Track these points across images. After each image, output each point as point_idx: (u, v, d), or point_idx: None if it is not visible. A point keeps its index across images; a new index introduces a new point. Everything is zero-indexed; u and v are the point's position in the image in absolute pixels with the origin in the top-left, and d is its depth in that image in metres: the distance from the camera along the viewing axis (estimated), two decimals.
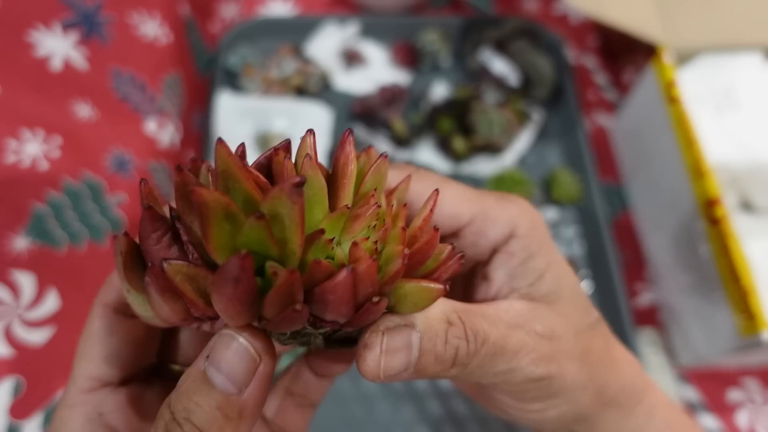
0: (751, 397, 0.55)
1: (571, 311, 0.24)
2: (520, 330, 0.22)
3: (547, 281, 0.24)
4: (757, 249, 0.48)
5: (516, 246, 0.24)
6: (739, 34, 0.58)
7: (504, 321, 0.23)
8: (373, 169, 0.19)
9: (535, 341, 0.23)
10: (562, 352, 0.23)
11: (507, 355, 0.22)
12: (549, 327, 0.23)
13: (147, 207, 0.17)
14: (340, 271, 0.16)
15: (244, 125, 0.65)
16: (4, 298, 0.36)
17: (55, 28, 0.43)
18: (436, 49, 0.70)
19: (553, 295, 0.24)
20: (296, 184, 0.15)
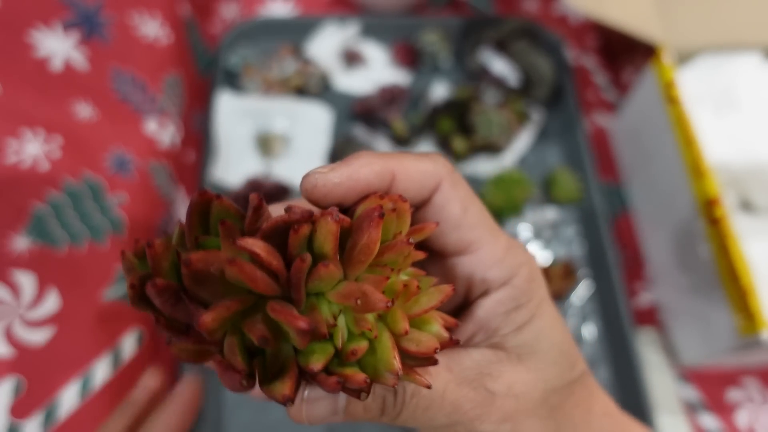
0: (751, 396, 0.55)
1: (544, 367, 0.23)
2: (466, 385, 0.22)
3: (524, 334, 0.23)
4: (756, 249, 0.48)
5: (506, 295, 0.23)
6: (738, 34, 0.58)
7: (451, 373, 0.22)
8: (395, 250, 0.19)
9: (483, 397, 0.22)
10: (519, 410, 0.22)
11: (445, 410, 0.21)
12: (507, 383, 0.22)
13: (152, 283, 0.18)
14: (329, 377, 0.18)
15: (244, 125, 0.65)
16: (5, 298, 0.37)
17: (55, 29, 0.43)
18: (436, 50, 0.70)
19: (526, 348, 0.23)
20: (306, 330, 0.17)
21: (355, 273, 0.19)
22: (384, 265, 0.19)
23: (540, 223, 0.63)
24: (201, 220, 0.19)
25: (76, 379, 0.40)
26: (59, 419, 0.38)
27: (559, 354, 0.24)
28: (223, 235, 0.18)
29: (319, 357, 0.18)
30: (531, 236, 0.62)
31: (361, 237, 0.18)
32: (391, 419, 0.21)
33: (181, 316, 0.18)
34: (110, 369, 0.43)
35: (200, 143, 0.65)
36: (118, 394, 0.43)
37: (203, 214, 0.19)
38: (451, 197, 0.23)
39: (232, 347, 0.17)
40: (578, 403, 0.24)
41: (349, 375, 0.18)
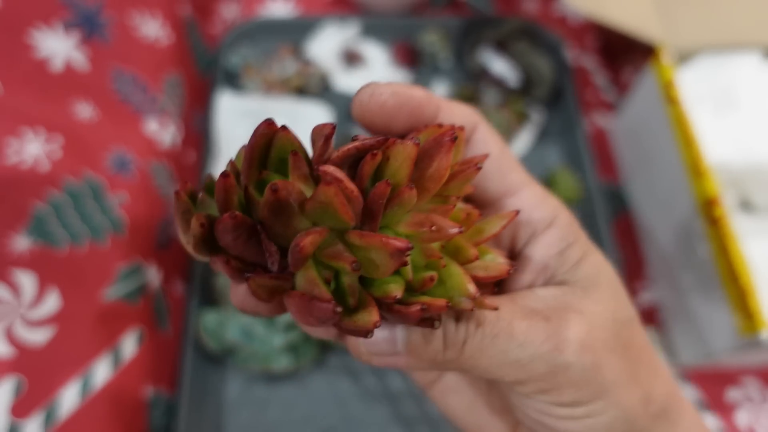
0: (751, 396, 0.55)
1: (609, 298, 0.23)
2: (536, 315, 0.21)
3: (584, 268, 0.23)
4: (756, 249, 0.48)
5: (554, 236, 0.23)
6: (738, 34, 0.58)
7: (517, 304, 0.21)
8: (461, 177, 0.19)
9: (557, 327, 0.21)
10: (597, 340, 0.21)
11: (516, 339, 0.20)
12: (578, 312, 0.21)
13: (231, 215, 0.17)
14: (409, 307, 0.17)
15: (245, 125, 0.65)
16: (5, 298, 0.37)
17: (56, 29, 0.43)
18: (436, 50, 0.70)
19: (589, 281, 0.23)
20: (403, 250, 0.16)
21: (423, 200, 0.18)
22: (446, 195, 0.19)
23: None
24: (262, 155, 0.19)
25: (76, 379, 0.40)
26: (59, 419, 0.38)
27: (617, 288, 0.24)
28: (293, 167, 0.17)
29: (397, 286, 0.17)
30: None
31: (431, 163, 0.18)
32: (457, 353, 0.20)
33: (251, 255, 0.17)
34: (110, 369, 0.43)
35: (200, 143, 0.65)
36: (118, 394, 0.43)
37: (265, 149, 0.19)
38: (488, 139, 0.23)
39: (311, 279, 0.17)
40: (642, 345, 0.24)
41: (429, 301, 0.17)
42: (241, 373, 0.54)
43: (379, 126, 0.21)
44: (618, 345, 0.22)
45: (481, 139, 0.23)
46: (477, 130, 0.23)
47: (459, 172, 0.19)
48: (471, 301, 0.18)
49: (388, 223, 0.18)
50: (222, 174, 0.17)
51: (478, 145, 0.23)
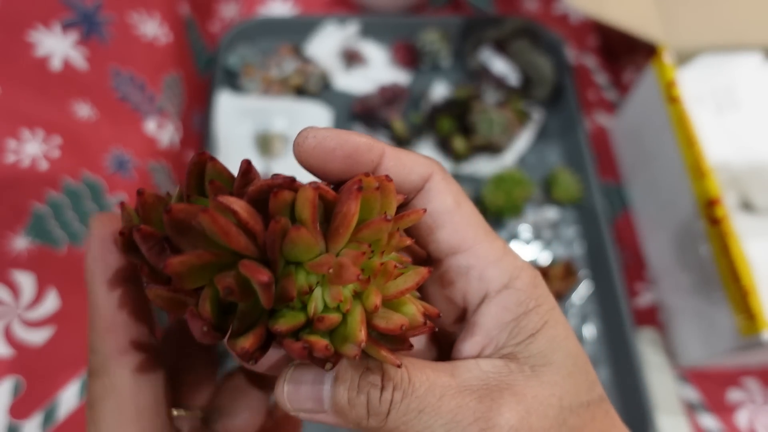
0: (751, 397, 0.55)
1: (560, 381, 0.21)
2: (470, 394, 0.20)
3: (538, 342, 0.21)
4: (757, 249, 0.48)
5: (511, 299, 0.21)
6: (739, 34, 0.58)
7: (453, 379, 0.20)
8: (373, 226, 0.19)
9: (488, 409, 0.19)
10: (532, 428, 0.19)
11: (442, 417, 0.19)
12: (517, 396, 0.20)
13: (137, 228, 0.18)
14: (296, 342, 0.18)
15: (244, 125, 0.65)
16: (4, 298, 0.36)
17: (54, 28, 0.43)
18: (436, 49, 0.70)
19: (540, 359, 0.21)
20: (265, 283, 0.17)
21: (336, 246, 0.19)
22: (365, 242, 0.19)
23: (540, 223, 0.62)
24: (197, 181, 0.20)
25: (75, 379, 0.40)
26: (59, 419, 0.38)
27: (575, 367, 0.21)
28: (211, 194, 0.19)
29: (287, 321, 0.18)
30: (531, 236, 0.62)
31: (341, 209, 0.18)
32: (379, 422, 0.19)
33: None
34: None
35: (200, 143, 0.65)
36: None
37: (200, 175, 0.20)
38: (443, 189, 0.22)
39: (204, 298, 0.18)
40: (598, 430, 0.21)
41: (312, 341, 0.18)
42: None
43: (316, 169, 0.20)
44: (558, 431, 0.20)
45: (435, 190, 0.22)
46: (432, 180, 0.22)
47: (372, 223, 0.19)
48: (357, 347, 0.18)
49: (302, 258, 0.18)
50: (137, 192, 0.19)
51: (430, 196, 0.22)
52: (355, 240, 0.19)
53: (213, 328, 0.18)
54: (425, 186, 0.22)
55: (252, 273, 0.17)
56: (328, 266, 0.18)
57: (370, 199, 0.19)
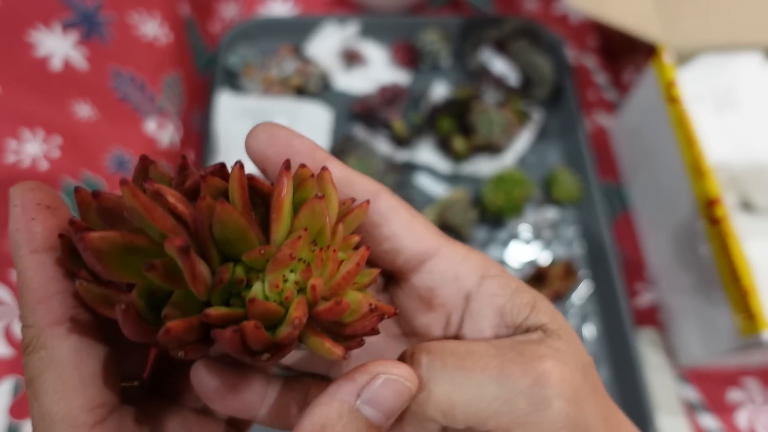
0: (751, 396, 0.55)
1: (574, 341, 0.21)
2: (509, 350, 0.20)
3: (542, 312, 0.21)
4: (757, 249, 0.48)
5: (493, 285, 0.22)
6: (739, 34, 0.58)
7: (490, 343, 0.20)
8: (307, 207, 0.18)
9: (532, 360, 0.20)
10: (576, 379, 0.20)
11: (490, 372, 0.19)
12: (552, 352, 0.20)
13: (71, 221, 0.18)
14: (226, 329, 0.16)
15: (244, 125, 0.65)
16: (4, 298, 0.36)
17: (55, 28, 0.43)
18: (436, 49, 0.70)
19: (552, 324, 0.21)
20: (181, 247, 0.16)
21: (275, 237, 0.18)
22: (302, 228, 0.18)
23: (540, 223, 0.62)
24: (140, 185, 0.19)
25: None
26: None
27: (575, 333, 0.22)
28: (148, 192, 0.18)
29: (219, 309, 0.17)
30: (531, 236, 0.62)
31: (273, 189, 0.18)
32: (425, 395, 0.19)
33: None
34: None
35: (200, 143, 0.65)
36: None
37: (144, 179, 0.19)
38: (395, 204, 0.22)
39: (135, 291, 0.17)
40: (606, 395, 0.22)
41: (243, 325, 0.16)
42: None
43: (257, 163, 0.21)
44: (589, 387, 0.20)
45: (387, 206, 0.22)
46: (381, 197, 0.22)
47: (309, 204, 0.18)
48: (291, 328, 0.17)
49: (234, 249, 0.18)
50: (74, 190, 0.18)
51: (384, 212, 0.22)
52: (294, 230, 0.18)
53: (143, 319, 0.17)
54: (374, 201, 0.22)
55: (170, 243, 0.16)
56: (261, 251, 0.17)
57: (306, 188, 0.19)
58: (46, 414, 0.18)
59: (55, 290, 0.19)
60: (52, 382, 0.18)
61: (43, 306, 0.19)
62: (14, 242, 0.19)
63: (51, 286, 0.19)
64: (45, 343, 0.19)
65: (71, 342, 0.19)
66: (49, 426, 0.18)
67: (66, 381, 0.18)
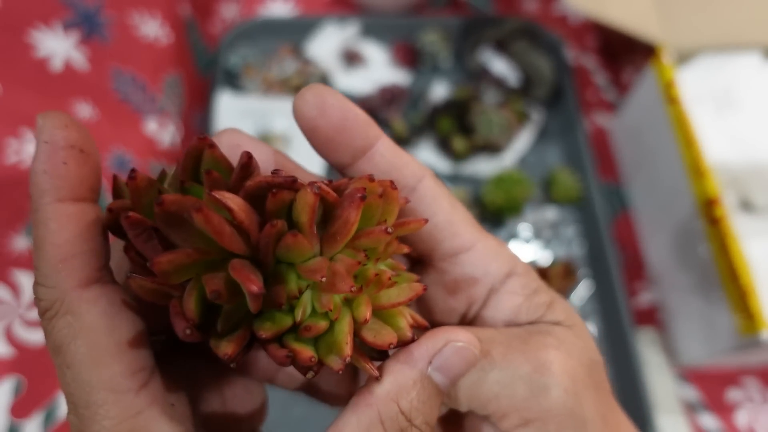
0: (751, 396, 0.55)
1: (585, 337, 0.22)
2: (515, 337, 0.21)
3: (558, 310, 0.22)
4: (756, 249, 0.48)
5: (516, 284, 0.22)
6: (738, 34, 0.58)
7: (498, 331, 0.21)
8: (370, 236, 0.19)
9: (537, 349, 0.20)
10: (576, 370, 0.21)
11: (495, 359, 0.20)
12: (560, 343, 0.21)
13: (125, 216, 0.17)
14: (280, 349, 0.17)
15: (245, 125, 0.65)
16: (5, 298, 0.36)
17: (55, 29, 0.43)
18: (436, 49, 0.70)
19: (568, 321, 0.22)
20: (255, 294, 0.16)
21: (331, 251, 0.18)
22: (362, 249, 0.19)
23: (540, 223, 0.63)
24: (193, 167, 0.19)
25: None
26: (59, 419, 0.38)
27: (588, 332, 0.23)
28: (207, 185, 0.18)
29: (272, 326, 0.17)
30: (531, 236, 0.62)
31: (341, 215, 0.18)
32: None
33: (150, 255, 0.17)
34: None
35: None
36: None
37: (197, 161, 0.19)
38: (438, 193, 0.22)
39: (189, 295, 0.17)
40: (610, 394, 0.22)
41: (297, 349, 0.17)
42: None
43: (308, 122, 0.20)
44: (592, 383, 0.21)
45: (430, 193, 0.22)
46: (424, 182, 0.22)
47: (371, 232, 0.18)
48: (342, 362, 0.18)
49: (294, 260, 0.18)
50: (129, 175, 0.17)
51: (426, 199, 0.22)
52: (352, 246, 0.19)
53: (196, 327, 0.17)
54: (418, 187, 0.22)
55: (244, 280, 0.16)
56: (322, 274, 0.17)
57: (371, 206, 0.19)
58: (83, 382, 0.17)
59: (81, 249, 0.17)
60: (86, 349, 0.17)
61: (67, 265, 0.17)
62: (38, 186, 0.17)
63: (77, 244, 0.17)
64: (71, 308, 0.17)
65: (101, 307, 0.17)
66: (87, 395, 0.17)
67: (102, 348, 0.17)
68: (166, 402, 0.18)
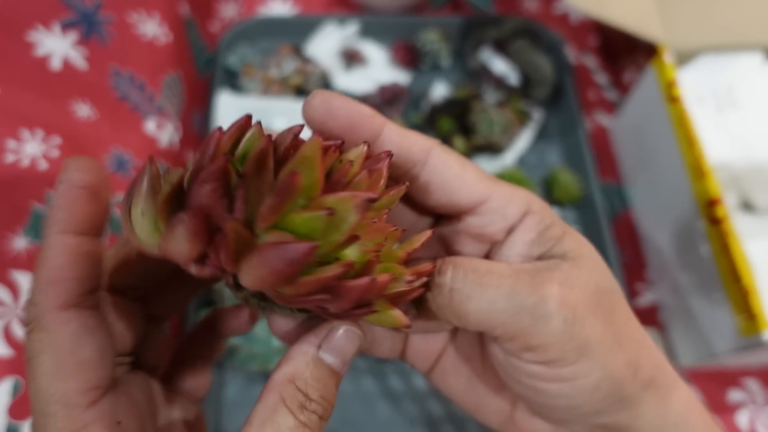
0: (752, 397, 0.55)
1: (593, 267, 0.24)
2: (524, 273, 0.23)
3: (566, 242, 0.24)
4: (757, 249, 0.48)
5: (531, 221, 0.24)
6: (739, 34, 0.58)
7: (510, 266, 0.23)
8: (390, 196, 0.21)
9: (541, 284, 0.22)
10: (578, 299, 0.22)
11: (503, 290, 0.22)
12: (563, 275, 0.23)
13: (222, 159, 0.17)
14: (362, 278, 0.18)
15: None
16: (4, 298, 0.36)
17: (54, 28, 0.43)
18: (436, 49, 0.70)
19: (573, 253, 0.24)
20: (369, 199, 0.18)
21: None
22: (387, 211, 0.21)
23: None
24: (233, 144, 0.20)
25: None
26: None
27: (600, 261, 0.25)
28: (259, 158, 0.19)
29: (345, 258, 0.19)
30: None
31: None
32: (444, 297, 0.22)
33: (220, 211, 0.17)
34: None
35: (200, 143, 0.65)
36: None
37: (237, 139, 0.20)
38: (446, 158, 0.24)
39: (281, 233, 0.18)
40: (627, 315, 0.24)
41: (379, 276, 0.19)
42: (240, 373, 0.54)
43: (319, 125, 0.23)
44: (600, 309, 0.23)
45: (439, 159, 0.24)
46: (432, 153, 0.24)
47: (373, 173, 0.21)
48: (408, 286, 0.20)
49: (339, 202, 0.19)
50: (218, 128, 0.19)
51: (434, 167, 0.24)
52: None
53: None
54: (428, 160, 0.24)
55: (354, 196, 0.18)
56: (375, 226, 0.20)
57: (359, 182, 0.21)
58: (42, 393, 0.19)
59: (68, 275, 0.20)
60: (50, 363, 0.19)
61: (53, 288, 0.19)
62: (50, 218, 0.20)
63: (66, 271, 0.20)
64: (47, 324, 0.19)
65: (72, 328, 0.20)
66: (44, 405, 0.19)
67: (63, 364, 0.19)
68: (112, 419, 0.20)
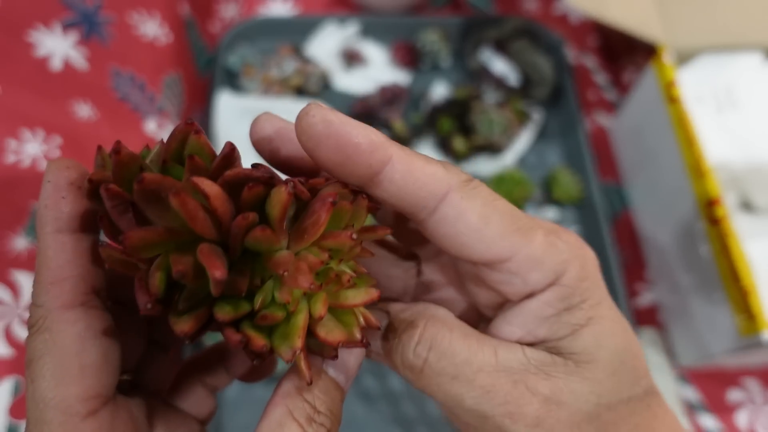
0: (752, 397, 0.55)
1: (602, 378, 0.20)
2: (506, 376, 0.20)
3: (583, 339, 0.20)
4: (757, 249, 0.48)
5: (554, 295, 0.21)
6: (739, 34, 0.58)
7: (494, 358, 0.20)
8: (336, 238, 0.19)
9: (520, 395, 0.19)
10: (560, 421, 0.19)
11: (474, 391, 0.20)
12: (553, 388, 0.20)
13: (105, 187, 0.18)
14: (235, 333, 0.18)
15: (244, 125, 0.65)
16: (4, 298, 0.36)
17: (55, 28, 0.43)
18: (436, 49, 0.70)
19: (584, 356, 0.20)
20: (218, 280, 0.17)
21: (297, 247, 0.19)
22: (327, 249, 0.19)
23: None
24: (177, 149, 0.20)
25: None
26: None
27: (621, 364, 0.21)
28: (188, 169, 0.18)
29: (230, 310, 0.18)
30: None
31: (310, 216, 0.18)
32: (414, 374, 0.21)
33: (124, 227, 0.18)
34: None
35: None
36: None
37: (181, 144, 0.20)
38: (464, 209, 0.19)
39: (155, 270, 0.17)
40: (638, 425, 0.20)
41: (251, 336, 0.18)
42: None
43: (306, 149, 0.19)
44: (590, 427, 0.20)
45: (452, 209, 0.19)
46: (447, 200, 0.19)
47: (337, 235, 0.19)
48: (291, 353, 0.18)
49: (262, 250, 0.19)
50: (114, 149, 0.18)
51: (445, 217, 0.20)
52: (318, 245, 0.19)
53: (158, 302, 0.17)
54: (439, 208, 0.20)
55: (209, 265, 0.17)
56: (285, 268, 0.18)
57: (341, 210, 0.19)
58: (40, 398, 0.18)
59: (70, 273, 0.19)
60: (52, 366, 0.18)
61: (56, 287, 0.19)
62: (41, 218, 0.19)
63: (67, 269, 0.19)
64: (51, 326, 0.18)
65: (77, 329, 0.18)
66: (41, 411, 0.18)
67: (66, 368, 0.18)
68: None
